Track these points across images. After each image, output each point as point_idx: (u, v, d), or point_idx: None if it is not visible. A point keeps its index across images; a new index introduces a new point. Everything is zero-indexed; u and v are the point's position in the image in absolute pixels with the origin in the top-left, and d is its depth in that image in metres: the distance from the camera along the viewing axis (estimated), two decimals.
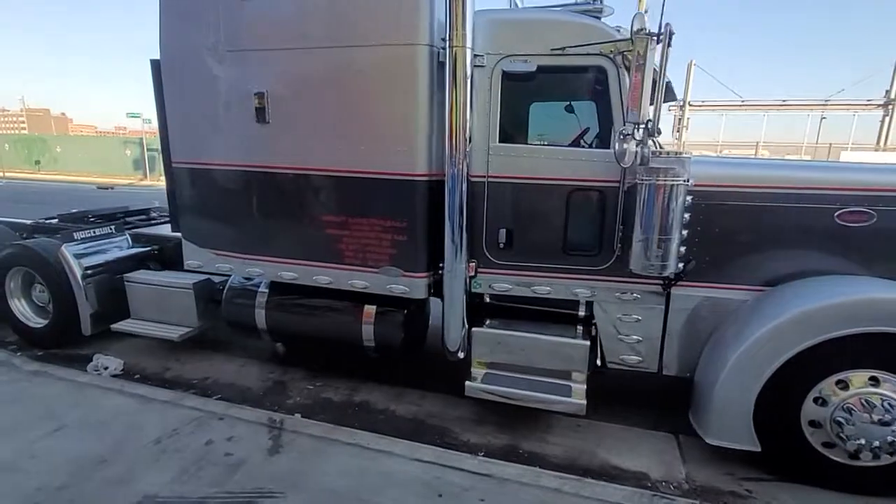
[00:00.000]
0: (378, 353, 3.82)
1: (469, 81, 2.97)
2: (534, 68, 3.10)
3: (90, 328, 4.54)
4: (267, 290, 4.02)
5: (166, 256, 5.09)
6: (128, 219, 5.89)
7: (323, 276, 3.62)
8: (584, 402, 3.22)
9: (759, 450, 2.95)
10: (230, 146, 3.61)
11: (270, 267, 3.74)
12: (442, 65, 3.13)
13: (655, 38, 2.52)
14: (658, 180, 2.85)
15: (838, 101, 20.72)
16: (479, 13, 3.06)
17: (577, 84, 3.48)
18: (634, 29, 2.57)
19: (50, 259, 4.49)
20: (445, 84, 3.04)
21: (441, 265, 3.45)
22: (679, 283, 3.27)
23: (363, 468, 2.98)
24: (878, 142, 20.59)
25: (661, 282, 3.31)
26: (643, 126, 2.67)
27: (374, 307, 3.72)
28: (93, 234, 4.73)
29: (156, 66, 3.70)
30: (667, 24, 2.49)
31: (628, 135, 2.68)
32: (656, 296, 3.36)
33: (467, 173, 3.12)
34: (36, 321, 4.80)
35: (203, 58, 3.51)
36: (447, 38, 2.94)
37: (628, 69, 3.09)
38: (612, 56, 3.07)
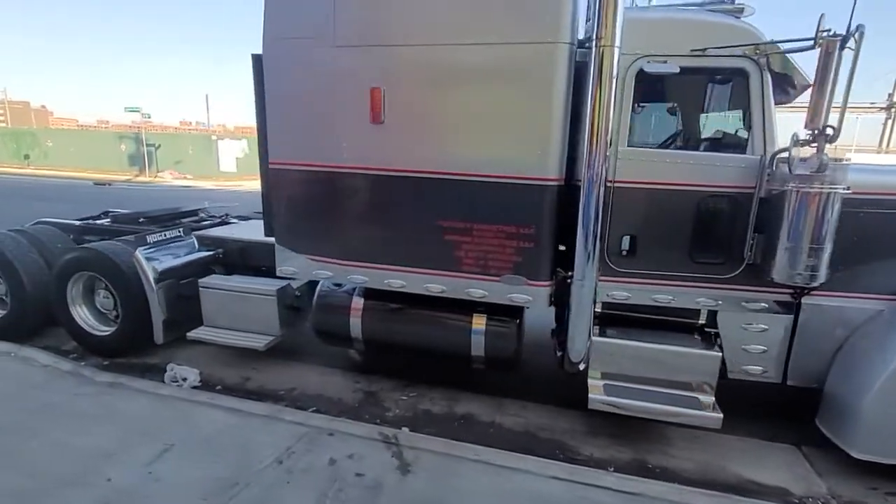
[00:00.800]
0: (486, 365, 3.67)
1: (615, 82, 2.82)
2: (676, 69, 2.97)
3: (162, 336, 4.32)
4: (362, 298, 3.84)
5: (230, 260, 4.88)
6: (182, 220, 5.66)
7: (435, 284, 3.45)
8: (721, 415, 3.11)
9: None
10: (338, 147, 3.42)
11: (376, 274, 3.56)
12: (579, 64, 3.00)
13: (841, 39, 2.40)
14: (814, 188, 2.75)
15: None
16: None
17: (714, 87, 3.37)
18: (820, 29, 2.45)
19: (121, 264, 4.25)
20: (585, 85, 2.91)
21: (562, 274, 3.33)
22: (811, 292, 3.19)
23: (504, 488, 2.84)
24: (880, 144, 20.97)
25: (791, 291, 3.23)
26: (821, 132, 2.55)
27: (485, 317, 3.58)
28: (164, 238, 4.50)
29: (257, 61, 3.48)
30: (858, 25, 2.38)
31: (801, 140, 2.57)
32: (785, 305, 3.27)
33: (605, 178, 2.98)
34: (100, 329, 4.56)
35: (312, 53, 3.32)
36: (594, 35, 2.79)
37: (772, 72, 3.01)
38: (755, 58, 2.97)
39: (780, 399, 3.71)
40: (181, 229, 4.74)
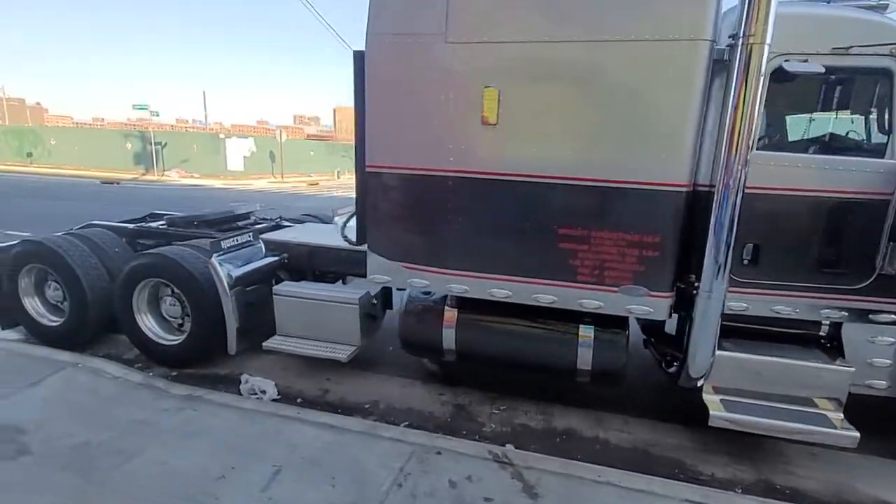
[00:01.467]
0: (591, 378, 3.49)
1: (762, 81, 2.65)
2: (822, 69, 2.80)
3: (236, 346, 4.13)
4: (455, 309, 3.67)
5: (295, 266, 4.70)
6: (237, 224, 5.46)
7: (545, 294, 3.28)
8: (857, 434, 2.95)
9: None
10: (444, 149, 3.23)
11: (479, 283, 3.38)
12: (717, 62, 2.82)
13: None
14: None
15: None
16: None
17: (852, 87, 3.19)
18: None
19: (194, 271, 4.05)
20: (716, 83, 2.77)
21: (680, 284, 3.18)
22: None
23: None
24: None
25: None
26: None
27: (593, 328, 3.41)
28: (237, 243, 4.30)
29: (359, 57, 3.29)
30: None
31: None
32: None
33: (744, 184, 2.81)
34: (166, 338, 4.36)
35: (421, 50, 3.13)
36: (741, 32, 2.62)
37: None
38: None
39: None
40: (250, 234, 4.54)
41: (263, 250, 4.59)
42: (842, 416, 3.11)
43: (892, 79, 2.86)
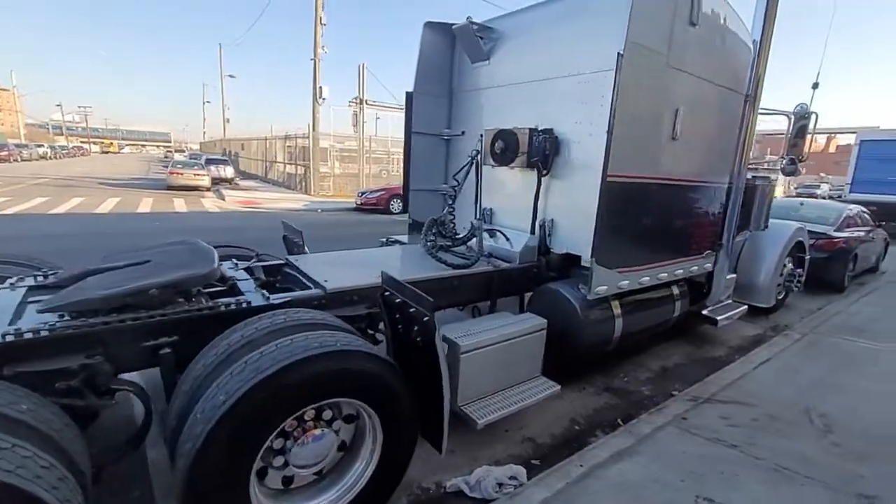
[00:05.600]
0: (675, 323, 4.78)
1: (755, 122, 4.67)
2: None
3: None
4: (618, 300, 4.05)
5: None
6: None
7: (679, 269, 4.29)
8: (746, 306, 5.70)
9: (773, 304, 6.42)
10: (650, 159, 3.60)
11: (654, 272, 3.97)
12: None
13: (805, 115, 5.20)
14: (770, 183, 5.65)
15: None
16: None
17: None
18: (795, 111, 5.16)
19: (386, 358, 2.41)
20: (743, 121, 4.62)
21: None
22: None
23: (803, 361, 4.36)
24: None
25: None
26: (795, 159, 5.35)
27: (677, 287, 4.69)
28: None
29: (620, 59, 3.01)
30: (814, 112, 5.20)
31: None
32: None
33: (745, 180, 4.82)
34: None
35: (655, 65, 3.33)
36: (751, 94, 4.52)
37: None
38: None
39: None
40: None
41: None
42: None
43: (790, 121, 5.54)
